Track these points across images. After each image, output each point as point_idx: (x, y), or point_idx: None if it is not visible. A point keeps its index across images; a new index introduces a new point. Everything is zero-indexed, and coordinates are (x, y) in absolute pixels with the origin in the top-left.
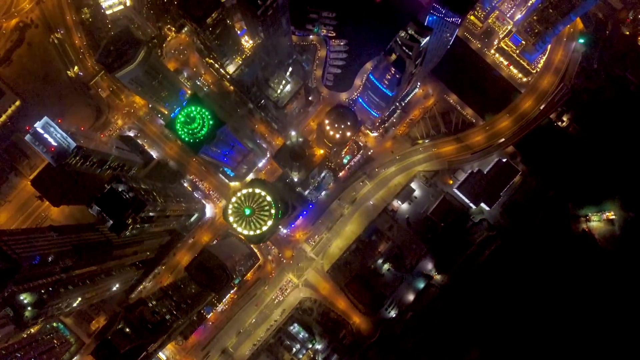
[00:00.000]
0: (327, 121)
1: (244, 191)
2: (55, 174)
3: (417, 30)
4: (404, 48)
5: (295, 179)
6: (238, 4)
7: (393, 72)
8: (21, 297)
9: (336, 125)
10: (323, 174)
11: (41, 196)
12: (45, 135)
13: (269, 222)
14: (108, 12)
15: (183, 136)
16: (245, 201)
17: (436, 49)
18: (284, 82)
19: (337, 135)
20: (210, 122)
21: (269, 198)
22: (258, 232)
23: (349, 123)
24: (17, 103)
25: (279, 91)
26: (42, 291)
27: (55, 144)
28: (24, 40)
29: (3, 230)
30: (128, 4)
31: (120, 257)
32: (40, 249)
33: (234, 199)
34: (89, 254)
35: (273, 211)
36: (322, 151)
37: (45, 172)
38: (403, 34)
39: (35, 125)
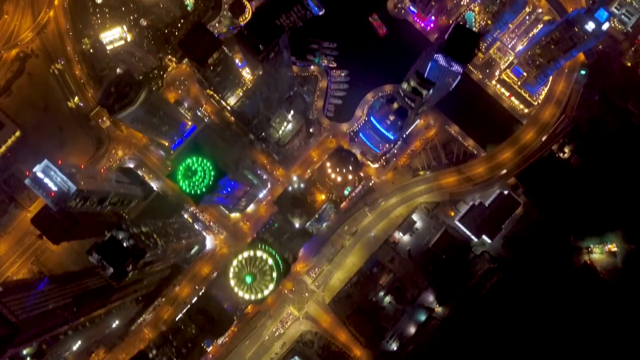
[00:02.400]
0: (328, 164)
1: (245, 254)
2: (55, 212)
3: (420, 82)
4: (407, 99)
5: (297, 225)
6: (239, 43)
7: (394, 117)
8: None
9: (337, 170)
10: (324, 206)
11: (41, 234)
12: (46, 180)
13: (271, 286)
14: (109, 47)
15: (184, 188)
16: (246, 266)
17: (438, 91)
18: (285, 122)
19: (339, 179)
20: (212, 174)
21: (270, 261)
22: (260, 296)
23: (350, 167)
24: (17, 134)
25: (280, 132)
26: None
27: (56, 189)
28: (25, 70)
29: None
30: (129, 39)
31: (121, 298)
32: (41, 305)
33: (235, 262)
34: (90, 300)
35: (275, 275)
36: (323, 196)
37: (45, 211)
38: (405, 86)
39: (34, 170)
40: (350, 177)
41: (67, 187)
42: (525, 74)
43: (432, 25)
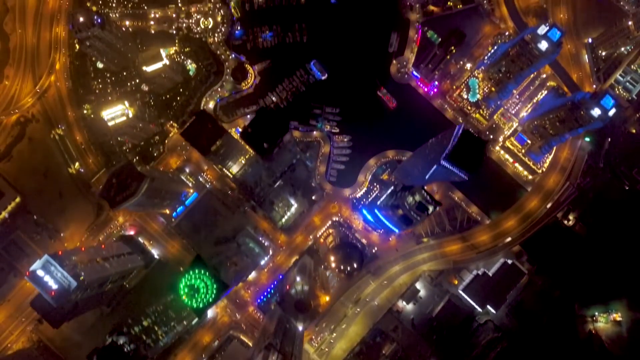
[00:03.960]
0: (332, 258)
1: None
2: None
3: (426, 199)
4: (412, 212)
5: (300, 328)
6: (243, 141)
7: (399, 220)
8: None
9: (342, 267)
10: (328, 274)
11: (41, 319)
12: (46, 278)
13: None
14: (110, 123)
15: (188, 303)
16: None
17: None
18: (288, 207)
19: (344, 274)
20: (215, 287)
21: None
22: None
23: (355, 264)
24: (18, 200)
25: (284, 219)
26: None
27: (56, 286)
28: (25, 135)
29: None
30: (130, 115)
31: None
32: None
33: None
34: None
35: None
36: (327, 298)
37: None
38: (410, 200)
39: (34, 267)
40: (355, 273)
41: (68, 283)
42: (529, 141)
43: (435, 90)
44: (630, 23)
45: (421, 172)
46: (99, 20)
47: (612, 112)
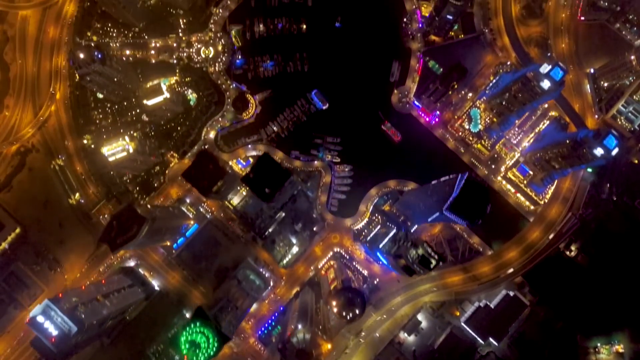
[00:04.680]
0: (334, 302)
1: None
2: None
3: (430, 253)
4: (415, 266)
5: None
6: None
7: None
8: None
9: (344, 313)
10: (328, 307)
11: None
12: (46, 324)
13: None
14: (111, 159)
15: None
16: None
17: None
18: (289, 247)
19: (346, 320)
20: (216, 340)
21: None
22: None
23: (357, 311)
24: (17, 230)
25: (285, 261)
26: None
27: (57, 332)
28: (25, 165)
29: None
30: (131, 150)
31: None
32: None
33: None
34: None
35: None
36: (329, 346)
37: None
38: (414, 253)
39: (33, 314)
40: (357, 318)
41: (68, 328)
42: (531, 172)
43: (437, 119)
44: (632, 57)
45: (423, 211)
46: (99, 56)
47: (615, 152)
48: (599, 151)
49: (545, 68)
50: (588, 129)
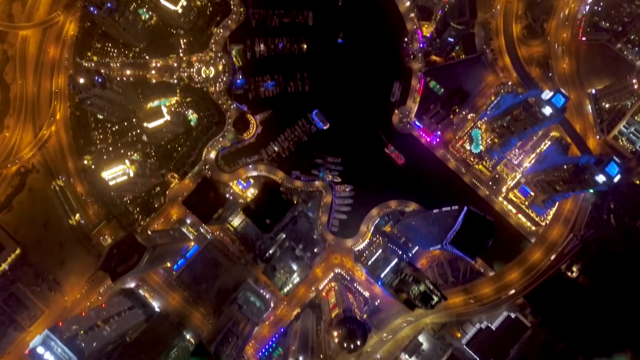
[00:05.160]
0: (335, 333)
1: None
2: None
3: (432, 290)
4: (416, 302)
5: None
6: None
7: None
8: None
9: (345, 344)
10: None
11: None
12: (46, 355)
13: None
14: (111, 183)
15: None
16: None
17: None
18: (290, 272)
19: (348, 351)
20: None
21: None
22: None
23: (358, 342)
24: (17, 251)
25: (286, 289)
26: None
27: None
28: (25, 185)
29: None
30: (132, 175)
31: None
32: None
33: None
34: None
35: None
36: None
37: None
38: (415, 289)
39: (34, 343)
40: (358, 348)
41: (69, 358)
42: (532, 193)
43: (438, 140)
44: (634, 80)
45: (424, 236)
46: (100, 80)
47: (617, 179)
48: (600, 178)
49: (547, 94)
50: (590, 154)
